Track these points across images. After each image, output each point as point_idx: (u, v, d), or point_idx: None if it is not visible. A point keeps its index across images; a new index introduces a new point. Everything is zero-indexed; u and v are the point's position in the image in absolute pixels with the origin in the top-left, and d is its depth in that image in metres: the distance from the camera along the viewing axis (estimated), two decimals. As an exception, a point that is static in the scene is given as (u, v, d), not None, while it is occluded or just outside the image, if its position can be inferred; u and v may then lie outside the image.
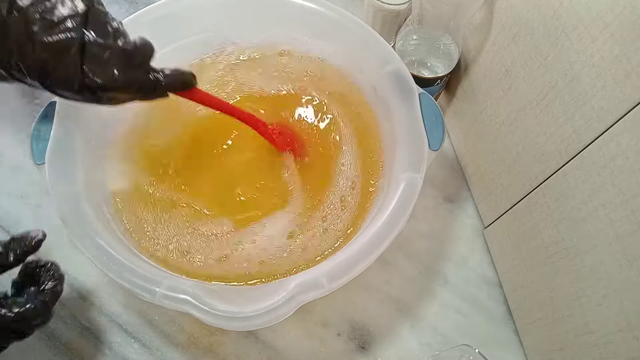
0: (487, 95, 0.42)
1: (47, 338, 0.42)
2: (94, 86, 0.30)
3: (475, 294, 0.45)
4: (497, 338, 0.43)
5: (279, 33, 0.47)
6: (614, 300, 0.30)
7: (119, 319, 0.43)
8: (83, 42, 0.29)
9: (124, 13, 0.59)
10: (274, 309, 0.32)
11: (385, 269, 0.46)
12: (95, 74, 0.29)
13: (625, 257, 0.28)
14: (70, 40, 0.29)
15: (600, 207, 0.30)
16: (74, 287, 0.45)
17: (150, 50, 0.32)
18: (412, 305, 0.44)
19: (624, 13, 0.26)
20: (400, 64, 0.41)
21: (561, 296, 0.35)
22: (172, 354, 0.42)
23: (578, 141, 0.31)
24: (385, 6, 0.48)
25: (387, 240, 0.34)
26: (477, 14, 0.42)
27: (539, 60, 0.34)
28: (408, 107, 0.39)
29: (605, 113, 0.28)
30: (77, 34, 0.29)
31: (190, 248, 0.40)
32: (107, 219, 0.39)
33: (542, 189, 0.36)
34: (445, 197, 0.50)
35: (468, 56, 0.45)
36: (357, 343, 0.43)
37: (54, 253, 0.46)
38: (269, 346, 0.42)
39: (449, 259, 0.47)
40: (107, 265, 0.33)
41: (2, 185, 0.50)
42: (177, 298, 0.32)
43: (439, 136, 0.38)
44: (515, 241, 0.41)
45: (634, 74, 0.26)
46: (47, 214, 0.48)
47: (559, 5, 0.31)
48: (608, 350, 0.31)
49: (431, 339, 0.43)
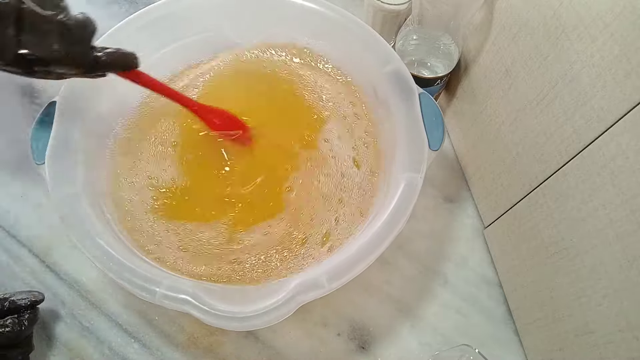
0: (487, 95, 0.42)
1: (47, 338, 0.43)
2: (29, 58, 0.29)
3: (475, 294, 0.45)
4: (497, 338, 0.43)
5: (279, 33, 0.47)
6: (614, 300, 0.30)
7: (119, 319, 0.43)
8: (20, 11, 0.28)
9: (124, 13, 0.59)
10: (274, 309, 0.32)
11: (385, 269, 0.46)
12: (31, 46, 0.28)
13: (625, 257, 0.28)
14: (4, 6, 0.27)
15: (600, 207, 0.30)
16: (74, 287, 0.45)
17: (92, 27, 0.31)
18: (412, 305, 0.44)
19: (624, 13, 0.26)
20: (400, 64, 0.41)
21: (561, 296, 0.35)
22: (172, 354, 0.42)
23: (578, 141, 0.31)
24: (385, 6, 0.48)
25: (387, 240, 0.34)
26: (477, 14, 0.42)
27: (539, 60, 0.34)
28: (408, 107, 0.39)
29: (605, 113, 0.28)
30: (13, 2, 0.28)
31: (189, 249, 0.40)
32: (107, 219, 0.38)
33: (542, 189, 0.36)
34: (445, 197, 0.50)
35: (468, 56, 0.45)
36: (357, 343, 0.43)
37: (54, 253, 0.46)
38: (269, 346, 0.42)
39: (449, 259, 0.47)
40: (107, 265, 0.33)
41: (2, 185, 0.50)
42: (177, 298, 0.32)
43: (439, 136, 0.38)
44: (515, 241, 0.41)
45: (634, 74, 0.26)
46: (47, 214, 0.48)
47: (559, 5, 0.31)
48: (608, 350, 0.31)
49: (431, 339, 0.43)
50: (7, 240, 0.47)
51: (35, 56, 0.29)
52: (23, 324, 0.38)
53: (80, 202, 0.36)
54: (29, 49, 0.28)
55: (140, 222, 0.41)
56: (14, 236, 0.47)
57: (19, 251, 0.46)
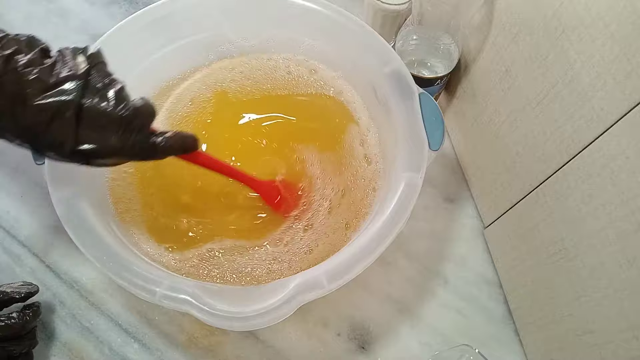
0: (487, 95, 0.42)
1: (47, 338, 0.43)
2: (87, 153, 0.28)
3: (475, 294, 0.45)
4: (497, 338, 0.43)
5: (279, 33, 0.47)
6: (614, 300, 0.30)
7: (119, 319, 0.43)
8: (80, 106, 0.27)
9: (124, 13, 0.59)
10: (274, 309, 0.32)
11: (385, 269, 0.46)
12: (89, 140, 0.27)
13: (625, 257, 0.28)
14: (65, 104, 0.27)
15: (600, 207, 0.30)
16: (74, 287, 0.45)
17: (151, 114, 0.30)
18: (412, 305, 0.44)
19: (624, 13, 0.26)
20: (400, 64, 0.41)
21: (561, 296, 0.35)
22: (172, 354, 0.42)
23: (578, 141, 0.31)
24: (385, 6, 0.48)
25: (387, 240, 0.34)
26: (477, 14, 0.42)
27: (539, 60, 0.34)
28: (408, 107, 0.39)
29: (605, 113, 0.28)
30: (74, 98, 0.27)
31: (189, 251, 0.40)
32: (107, 219, 0.38)
33: (542, 189, 0.36)
34: (445, 197, 0.50)
35: (468, 56, 0.45)
36: (357, 343, 0.43)
37: (54, 253, 0.46)
38: (269, 346, 0.42)
39: (448, 259, 0.47)
40: (107, 265, 0.33)
41: (2, 185, 0.50)
42: (177, 298, 0.32)
43: (439, 136, 0.38)
44: (515, 241, 0.41)
45: (634, 74, 0.26)
46: (47, 214, 0.48)
47: (559, 5, 0.31)
48: (608, 350, 0.31)
49: (431, 339, 0.43)
50: (7, 240, 0.47)
51: (91, 150, 0.28)
52: (28, 315, 0.39)
53: (80, 202, 0.36)
54: (87, 143, 0.28)
55: (140, 222, 0.41)
56: (14, 236, 0.47)
57: (19, 251, 0.46)
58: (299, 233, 0.41)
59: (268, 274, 0.39)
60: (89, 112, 0.27)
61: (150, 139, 0.30)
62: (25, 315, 0.39)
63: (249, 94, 0.47)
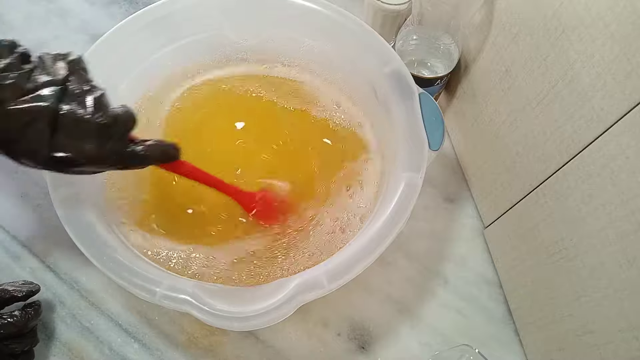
0: (487, 95, 0.42)
1: (47, 338, 0.43)
2: (62, 160, 0.27)
3: (475, 294, 0.45)
4: (497, 338, 0.43)
5: (278, 33, 0.47)
6: (614, 300, 0.30)
7: (119, 319, 0.43)
8: (56, 113, 0.26)
9: (124, 13, 0.59)
10: (274, 309, 0.32)
11: (385, 269, 0.46)
12: (64, 148, 0.27)
13: (625, 257, 0.28)
14: (40, 110, 0.26)
15: (600, 207, 0.30)
16: (74, 287, 0.45)
17: (132, 121, 0.29)
18: (412, 305, 0.44)
19: (624, 13, 0.26)
20: (400, 64, 0.41)
21: (561, 296, 0.35)
22: (172, 354, 0.42)
23: (578, 141, 0.31)
24: (385, 6, 0.48)
25: (387, 240, 0.34)
26: (477, 14, 0.42)
27: (539, 60, 0.34)
28: (408, 107, 0.39)
29: (605, 113, 0.28)
30: (50, 104, 0.26)
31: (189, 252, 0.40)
32: (107, 219, 0.38)
33: (542, 189, 0.36)
34: (445, 197, 0.50)
35: (468, 56, 0.45)
36: (357, 343, 0.43)
37: (54, 253, 0.46)
38: (269, 346, 0.42)
39: (448, 259, 0.47)
40: (107, 265, 0.33)
41: (2, 185, 0.50)
42: (177, 298, 0.32)
43: (439, 136, 0.38)
44: (515, 241, 0.41)
45: (634, 74, 0.26)
46: (47, 214, 0.48)
47: (559, 5, 0.31)
48: (608, 350, 0.31)
49: (431, 339, 0.43)
50: (7, 240, 0.47)
51: (66, 158, 0.27)
52: (29, 313, 0.39)
53: (80, 202, 0.36)
54: (62, 151, 0.27)
55: (140, 222, 0.41)
56: (14, 236, 0.47)
57: (19, 251, 0.46)
58: (297, 236, 0.41)
59: (268, 274, 0.39)
60: (65, 119, 0.26)
61: (129, 148, 0.30)
62: (27, 313, 0.39)
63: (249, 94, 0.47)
